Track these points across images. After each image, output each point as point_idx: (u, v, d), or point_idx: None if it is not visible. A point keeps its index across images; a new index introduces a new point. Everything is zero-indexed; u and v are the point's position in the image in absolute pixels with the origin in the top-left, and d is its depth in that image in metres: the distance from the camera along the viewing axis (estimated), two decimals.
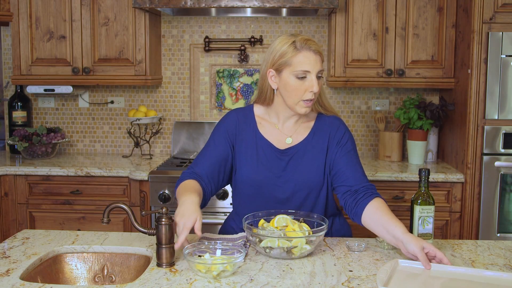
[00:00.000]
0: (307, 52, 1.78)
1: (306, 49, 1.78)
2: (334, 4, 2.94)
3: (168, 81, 3.61)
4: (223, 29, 3.55)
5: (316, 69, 1.78)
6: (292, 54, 1.78)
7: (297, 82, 1.78)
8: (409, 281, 1.47)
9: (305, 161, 1.88)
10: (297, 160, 1.89)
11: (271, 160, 1.89)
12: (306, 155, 1.89)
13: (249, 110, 1.97)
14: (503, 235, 2.86)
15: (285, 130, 1.92)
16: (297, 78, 1.78)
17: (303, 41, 1.78)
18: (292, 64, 1.78)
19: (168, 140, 3.65)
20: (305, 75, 1.78)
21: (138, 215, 2.99)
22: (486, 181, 2.86)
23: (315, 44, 1.80)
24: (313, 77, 1.78)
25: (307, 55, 1.77)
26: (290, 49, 1.79)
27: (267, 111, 1.94)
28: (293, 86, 1.79)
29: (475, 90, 2.84)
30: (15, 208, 3.10)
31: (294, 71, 1.78)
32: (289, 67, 1.79)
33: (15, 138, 3.32)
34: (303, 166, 1.88)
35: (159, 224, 1.57)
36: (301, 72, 1.77)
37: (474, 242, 1.85)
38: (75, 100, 3.66)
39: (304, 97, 1.79)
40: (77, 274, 1.73)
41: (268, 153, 1.89)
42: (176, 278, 1.50)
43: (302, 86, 1.78)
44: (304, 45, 1.78)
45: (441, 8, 3.11)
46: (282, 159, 1.89)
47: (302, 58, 1.77)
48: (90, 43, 3.26)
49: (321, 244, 1.79)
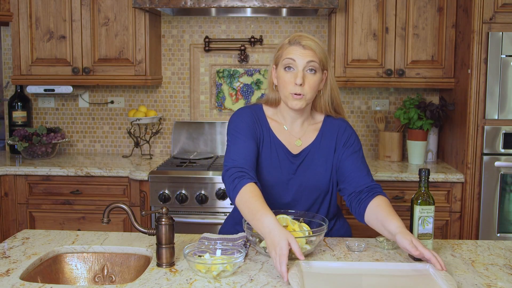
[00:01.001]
0: (296, 46, 1.82)
1: (296, 44, 1.82)
2: (334, 4, 2.94)
3: (168, 81, 3.61)
4: (223, 29, 3.55)
5: (302, 60, 1.79)
6: (284, 47, 1.84)
7: (285, 74, 1.82)
8: (321, 282, 1.47)
9: (315, 165, 1.89)
10: (307, 164, 1.89)
11: (283, 162, 1.89)
12: (315, 158, 1.90)
13: (260, 109, 1.95)
14: (503, 235, 2.86)
15: (294, 132, 1.93)
16: (284, 69, 1.82)
17: (296, 36, 1.84)
18: (282, 56, 1.84)
19: (168, 140, 3.65)
20: (291, 66, 1.81)
21: (138, 215, 2.99)
22: (486, 181, 2.86)
23: (308, 40, 1.82)
24: (299, 68, 1.80)
25: (295, 48, 1.82)
26: (285, 43, 1.85)
27: (275, 112, 1.95)
28: (282, 78, 1.83)
29: (475, 90, 2.84)
30: (15, 208, 3.10)
31: (283, 62, 1.83)
32: (281, 59, 1.84)
33: (15, 138, 3.32)
34: (312, 170, 1.89)
35: (159, 224, 1.57)
36: (286, 61, 1.81)
37: (474, 242, 1.85)
38: (75, 100, 3.66)
39: (291, 89, 1.81)
40: (77, 274, 1.73)
41: (281, 155, 1.89)
42: (176, 278, 1.50)
43: (289, 78, 1.81)
44: (295, 41, 1.82)
45: (441, 8, 3.11)
46: (294, 162, 1.89)
47: (290, 50, 1.82)
48: (90, 43, 3.26)
49: (321, 244, 1.79)
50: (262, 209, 1.60)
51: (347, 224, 2.05)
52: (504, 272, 1.57)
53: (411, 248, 1.55)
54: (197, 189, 2.92)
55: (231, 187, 1.73)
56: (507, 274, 1.55)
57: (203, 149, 3.53)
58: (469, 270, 1.58)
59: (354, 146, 1.91)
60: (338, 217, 2.02)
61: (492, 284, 1.48)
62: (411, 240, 1.56)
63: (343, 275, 1.52)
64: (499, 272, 1.57)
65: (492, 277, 1.53)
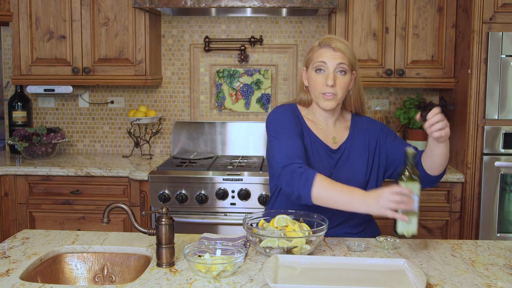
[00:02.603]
0: (326, 48, 1.88)
1: (326, 46, 1.88)
2: (334, 4, 2.94)
3: (168, 81, 3.61)
4: (223, 29, 3.55)
5: (333, 62, 1.86)
6: (315, 50, 1.91)
7: (316, 75, 1.89)
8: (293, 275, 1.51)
9: (352, 161, 1.94)
10: (345, 159, 1.94)
11: (324, 158, 1.92)
12: (351, 154, 1.95)
13: (296, 108, 2.00)
14: (503, 235, 2.86)
15: (328, 130, 1.98)
16: (315, 71, 1.89)
17: (326, 38, 1.91)
18: (313, 58, 1.91)
19: (168, 140, 3.65)
20: (321, 68, 1.88)
21: (138, 215, 2.99)
22: (486, 181, 2.86)
23: (338, 42, 1.88)
24: (330, 70, 1.86)
25: (326, 50, 1.88)
26: (315, 46, 1.93)
27: (308, 112, 2.00)
28: (313, 79, 1.90)
29: (475, 90, 2.84)
30: (15, 208, 3.10)
31: (313, 65, 1.90)
32: (311, 62, 1.91)
33: (15, 138, 3.32)
34: (350, 166, 1.93)
35: (159, 224, 1.57)
36: (317, 64, 1.88)
37: (474, 242, 1.85)
38: (75, 100, 3.66)
39: (322, 90, 1.87)
40: (77, 274, 1.73)
41: (321, 151, 1.92)
42: (176, 278, 1.50)
43: (320, 79, 1.88)
44: (326, 43, 1.89)
45: (441, 8, 3.11)
46: (333, 158, 1.93)
47: (321, 52, 1.89)
48: (90, 43, 3.26)
49: (321, 244, 1.79)
50: (353, 188, 1.69)
51: (377, 226, 2.07)
52: (504, 272, 1.57)
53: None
54: (197, 189, 2.92)
55: (300, 183, 1.71)
56: (507, 274, 1.55)
57: (203, 149, 3.53)
58: (469, 270, 1.58)
59: (391, 132, 2.01)
60: (370, 218, 2.03)
61: (492, 284, 1.48)
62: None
63: (316, 269, 1.54)
64: (499, 272, 1.57)
65: (492, 277, 1.53)
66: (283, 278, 1.47)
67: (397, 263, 1.58)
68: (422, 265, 1.62)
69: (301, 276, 1.50)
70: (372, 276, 1.51)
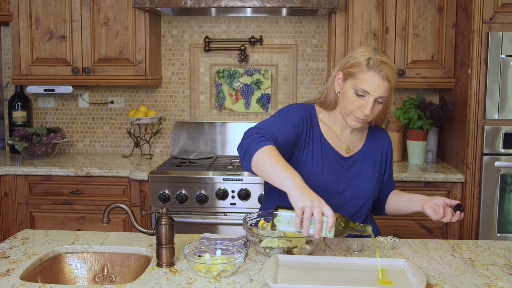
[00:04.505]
0: (376, 74, 1.74)
1: (376, 71, 1.74)
2: (334, 4, 2.94)
3: (168, 81, 3.61)
4: (223, 29, 3.55)
5: (377, 93, 1.75)
6: (362, 69, 1.75)
7: (354, 96, 1.78)
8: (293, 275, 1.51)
9: (363, 171, 1.92)
10: (356, 169, 1.91)
11: (334, 165, 1.88)
12: (364, 164, 1.93)
13: (313, 109, 1.92)
14: (503, 235, 2.86)
15: (343, 138, 1.93)
16: (355, 93, 1.77)
17: (378, 62, 1.74)
18: (357, 78, 1.76)
19: (168, 140, 3.65)
20: (363, 94, 1.76)
21: (138, 215, 2.99)
22: (486, 181, 2.86)
23: (388, 69, 1.74)
24: (371, 99, 1.75)
25: (374, 77, 1.74)
26: (363, 63, 1.75)
27: (328, 116, 1.93)
28: (349, 98, 1.79)
29: (475, 90, 2.84)
30: (15, 208, 3.10)
31: (355, 86, 1.76)
32: (354, 79, 1.77)
33: (15, 138, 3.32)
34: (361, 176, 1.92)
35: (159, 224, 1.57)
36: (360, 90, 1.75)
37: (474, 242, 1.85)
38: (75, 100, 3.66)
39: (356, 113, 1.79)
40: (77, 274, 1.73)
41: (331, 158, 1.88)
42: (176, 278, 1.50)
43: (357, 102, 1.77)
44: (376, 67, 1.74)
45: (441, 8, 3.11)
46: (344, 167, 1.90)
47: (368, 77, 1.74)
48: (90, 43, 3.26)
49: (321, 244, 1.79)
50: (294, 170, 1.56)
51: (377, 226, 2.07)
52: (504, 272, 1.57)
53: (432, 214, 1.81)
54: (197, 189, 2.92)
55: (253, 142, 1.64)
56: (507, 274, 1.56)
57: (203, 149, 3.53)
58: (469, 270, 1.58)
59: (391, 157, 2.05)
60: (370, 219, 2.03)
61: (492, 284, 1.48)
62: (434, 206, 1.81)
63: (316, 269, 1.54)
64: (499, 272, 1.57)
65: (492, 277, 1.53)
66: (283, 278, 1.47)
67: (397, 263, 1.58)
68: (422, 265, 1.62)
69: (301, 276, 1.50)
70: (372, 276, 1.51)
